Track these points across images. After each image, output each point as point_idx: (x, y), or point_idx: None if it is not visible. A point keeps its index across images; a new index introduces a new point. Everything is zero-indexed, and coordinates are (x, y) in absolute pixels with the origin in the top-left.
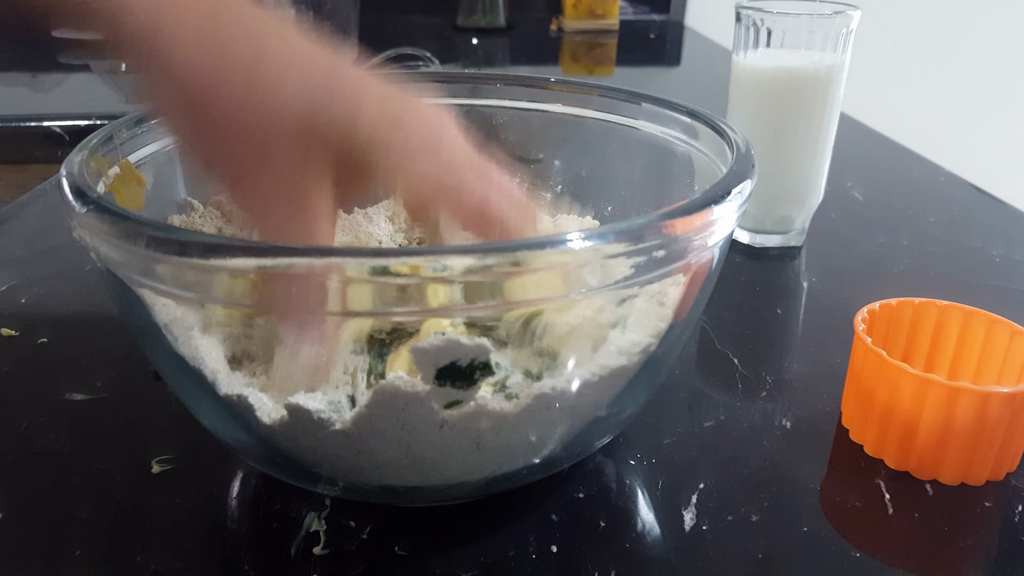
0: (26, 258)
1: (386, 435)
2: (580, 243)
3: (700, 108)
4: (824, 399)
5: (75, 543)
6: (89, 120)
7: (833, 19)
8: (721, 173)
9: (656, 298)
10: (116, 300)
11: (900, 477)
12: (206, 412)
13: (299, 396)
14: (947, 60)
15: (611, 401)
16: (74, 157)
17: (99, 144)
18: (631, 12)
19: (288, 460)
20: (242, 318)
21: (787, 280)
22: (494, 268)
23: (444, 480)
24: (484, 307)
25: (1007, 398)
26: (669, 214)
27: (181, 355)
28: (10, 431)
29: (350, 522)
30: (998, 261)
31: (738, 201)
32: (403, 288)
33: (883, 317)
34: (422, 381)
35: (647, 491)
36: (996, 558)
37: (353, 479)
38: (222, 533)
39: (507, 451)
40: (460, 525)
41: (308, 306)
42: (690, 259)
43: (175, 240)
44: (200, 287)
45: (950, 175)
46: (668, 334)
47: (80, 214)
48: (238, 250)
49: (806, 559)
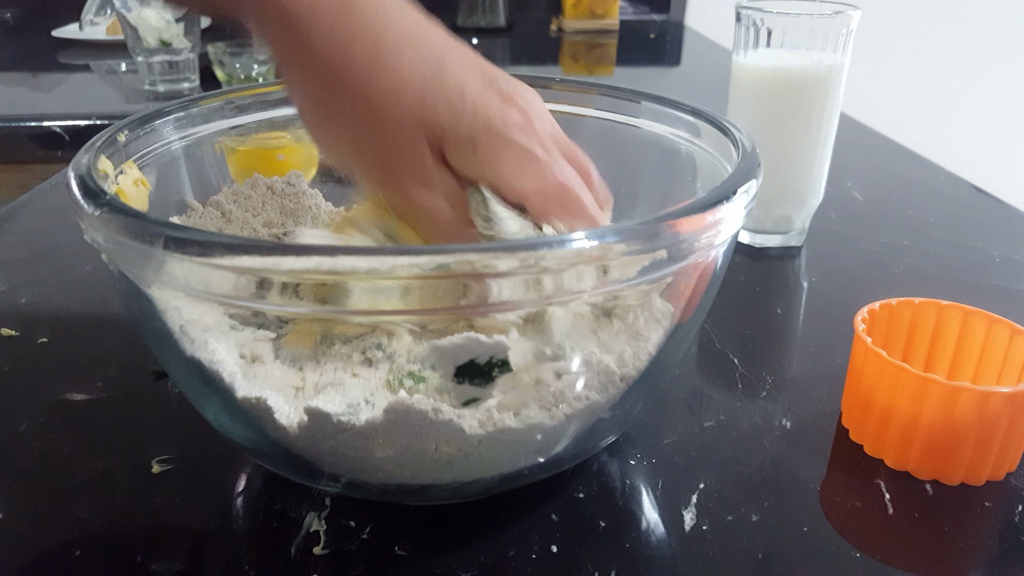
0: (26, 258)
1: (408, 436)
2: (588, 242)
3: (703, 107)
4: (824, 399)
5: (75, 543)
6: (89, 120)
7: (833, 19)
8: (725, 172)
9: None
10: (127, 303)
11: (900, 477)
12: (219, 414)
13: (318, 399)
14: (947, 60)
15: (615, 403)
16: (81, 158)
17: (104, 145)
18: (631, 12)
19: (303, 461)
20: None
21: (787, 280)
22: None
23: (460, 477)
24: (490, 306)
25: (1007, 398)
26: (675, 213)
27: (197, 359)
28: (10, 431)
29: (350, 522)
30: (998, 261)
31: (744, 200)
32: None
33: (883, 317)
34: (440, 378)
35: (647, 491)
36: (996, 558)
37: (368, 478)
38: (222, 533)
39: (524, 446)
40: (460, 525)
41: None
42: (696, 258)
43: (194, 240)
44: (217, 286)
45: (950, 175)
46: (673, 335)
47: (93, 216)
48: (259, 249)
49: (806, 559)
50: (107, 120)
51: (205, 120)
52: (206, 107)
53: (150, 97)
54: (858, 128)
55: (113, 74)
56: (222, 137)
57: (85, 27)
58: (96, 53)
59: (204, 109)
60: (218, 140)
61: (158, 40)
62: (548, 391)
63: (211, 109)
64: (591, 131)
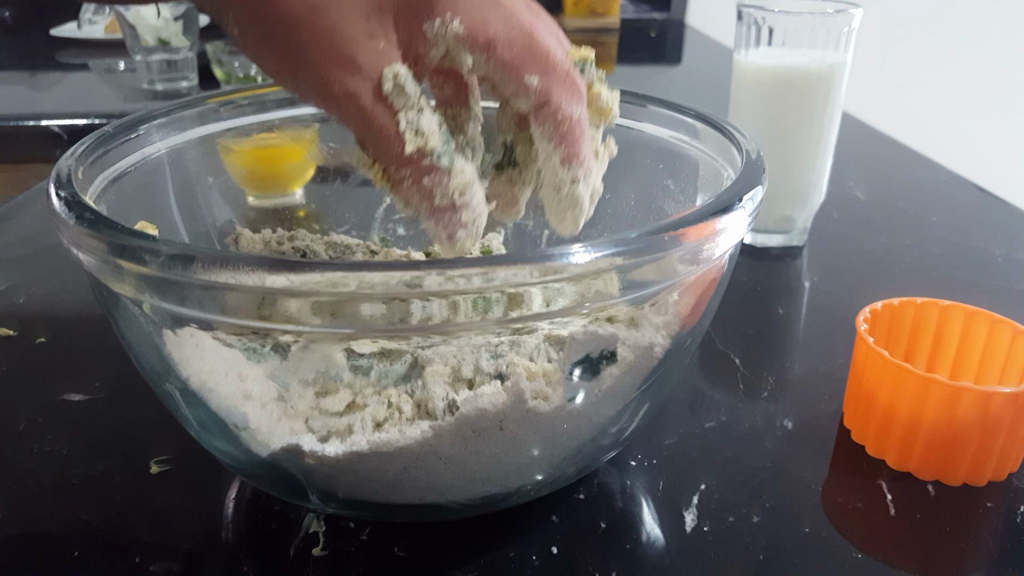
0: (24, 258)
1: (463, 456)
2: (588, 255)
3: (706, 111)
4: (826, 399)
5: (73, 543)
6: (87, 119)
7: (835, 17)
8: (727, 177)
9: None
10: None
11: (902, 478)
12: (247, 472)
13: (357, 439)
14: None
15: (615, 415)
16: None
17: (87, 151)
18: (632, 10)
19: (331, 494)
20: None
21: (789, 280)
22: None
23: (489, 490)
24: (500, 321)
25: (1009, 398)
26: (678, 223)
27: (218, 414)
28: (9, 431)
29: (349, 523)
30: (1000, 261)
31: (749, 208)
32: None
33: (885, 317)
34: (547, 384)
35: (648, 492)
36: (998, 559)
37: (397, 499)
38: (221, 534)
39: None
40: (460, 526)
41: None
42: (699, 269)
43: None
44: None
45: (952, 175)
46: (676, 343)
47: (125, 267)
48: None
49: (808, 560)
50: (105, 119)
51: (196, 123)
52: (194, 111)
53: (148, 96)
54: (860, 127)
55: (111, 73)
56: (219, 139)
57: (83, 26)
58: (94, 52)
59: (193, 112)
60: (219, 140)
61: (156, 39)
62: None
63: (205, 111)
64: None
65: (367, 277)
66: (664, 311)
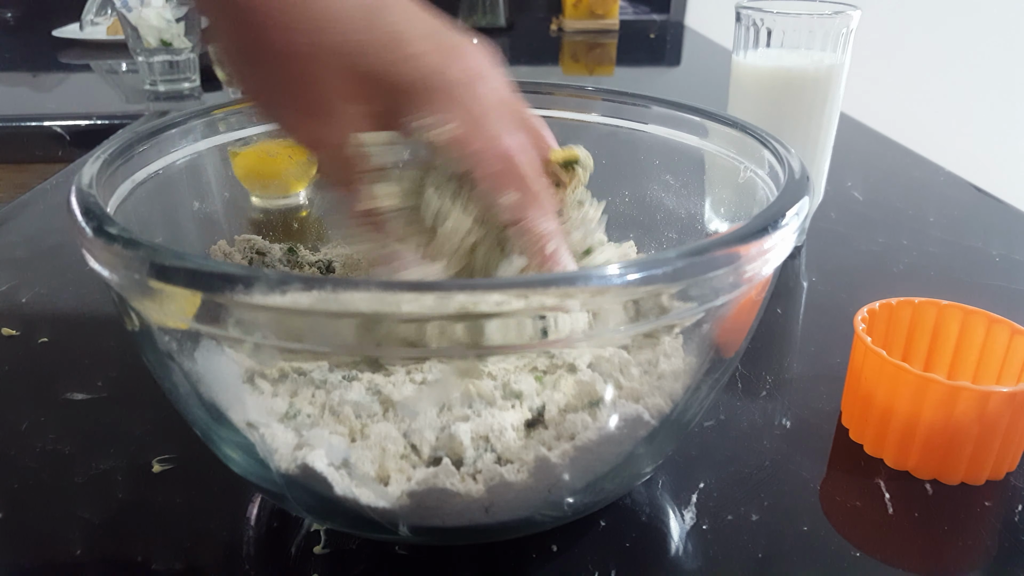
0: (27, 258)
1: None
2: (634, 274)
3: (744, 120)
4: (824, 399)
5: (75, 543)
6: (90, 120)
7: (833, 19)
8: (740, 169)
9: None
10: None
11: (900, 477)
12: (267, 488)
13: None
14: (947, 60)
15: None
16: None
17: (111, 159)
18: (631, 12)
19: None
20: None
21: (787, 280)
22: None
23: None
24: (527, 346)
25: (1007, 397)
26: (727, 242)
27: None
28: (11, 431)
29: None
30: (998, 261)
31: (795, 223)
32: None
33: (883, 317)
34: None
35: (647, 490)
36: (996, 557)
37: (426, 524)
38: (223, 532)
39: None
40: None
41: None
42: (741, 291)
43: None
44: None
45: (950, 175)
46: (709, 373)
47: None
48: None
49: (806, 558)
50: (107, 120)
51: (208, 133)
52: (201, 121)
53: (151, 97)
54: (858, 128)
55: (113, 74)
56: (229, 146)
57: (85, 27)
58: (96, 53)
59: (201, 123)
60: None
61: (159, 40)
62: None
63: (212, 121)
64: (595, 135)
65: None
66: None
